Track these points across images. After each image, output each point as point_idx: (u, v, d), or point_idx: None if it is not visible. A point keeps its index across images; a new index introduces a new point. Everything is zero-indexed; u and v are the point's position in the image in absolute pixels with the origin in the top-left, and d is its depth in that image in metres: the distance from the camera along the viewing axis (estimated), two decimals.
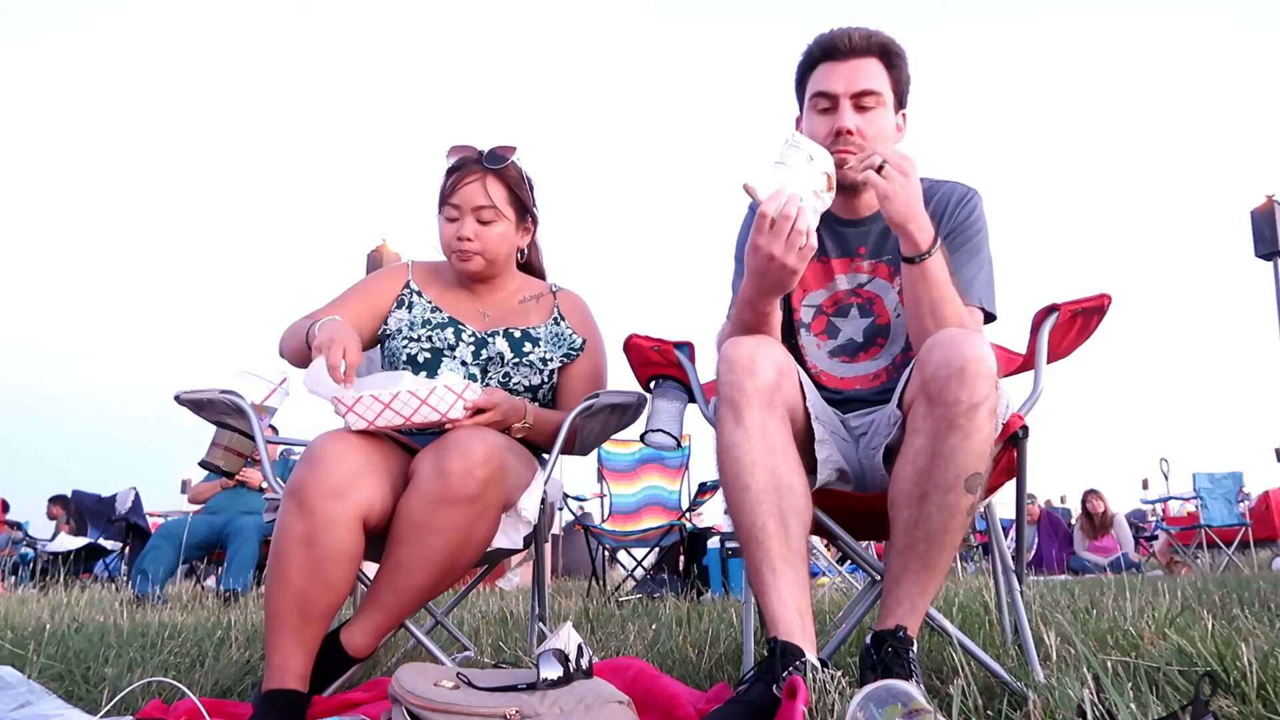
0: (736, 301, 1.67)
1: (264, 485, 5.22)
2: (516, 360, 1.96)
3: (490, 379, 1.95)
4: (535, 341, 2.00)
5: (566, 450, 1.98)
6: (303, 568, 1.52)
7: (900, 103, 1.76)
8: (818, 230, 1.51)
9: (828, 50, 1.72)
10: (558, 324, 2.05)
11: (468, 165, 1.97)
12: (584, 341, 2.05)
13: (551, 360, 2.00)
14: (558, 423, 1.92)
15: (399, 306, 2.02)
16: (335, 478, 1.55)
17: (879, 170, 1.53)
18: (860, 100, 1.69)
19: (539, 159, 2.09)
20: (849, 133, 1.67)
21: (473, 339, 1.97)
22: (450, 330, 1.97)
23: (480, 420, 1.73)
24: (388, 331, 2.01)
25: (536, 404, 1.99)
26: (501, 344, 1.97)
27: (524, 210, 2.03)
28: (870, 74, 1.70)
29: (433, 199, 2.02)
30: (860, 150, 1.66)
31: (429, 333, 1.96)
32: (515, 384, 1.97)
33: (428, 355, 1.94)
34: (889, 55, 1.73)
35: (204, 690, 1.79)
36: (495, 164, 1.97)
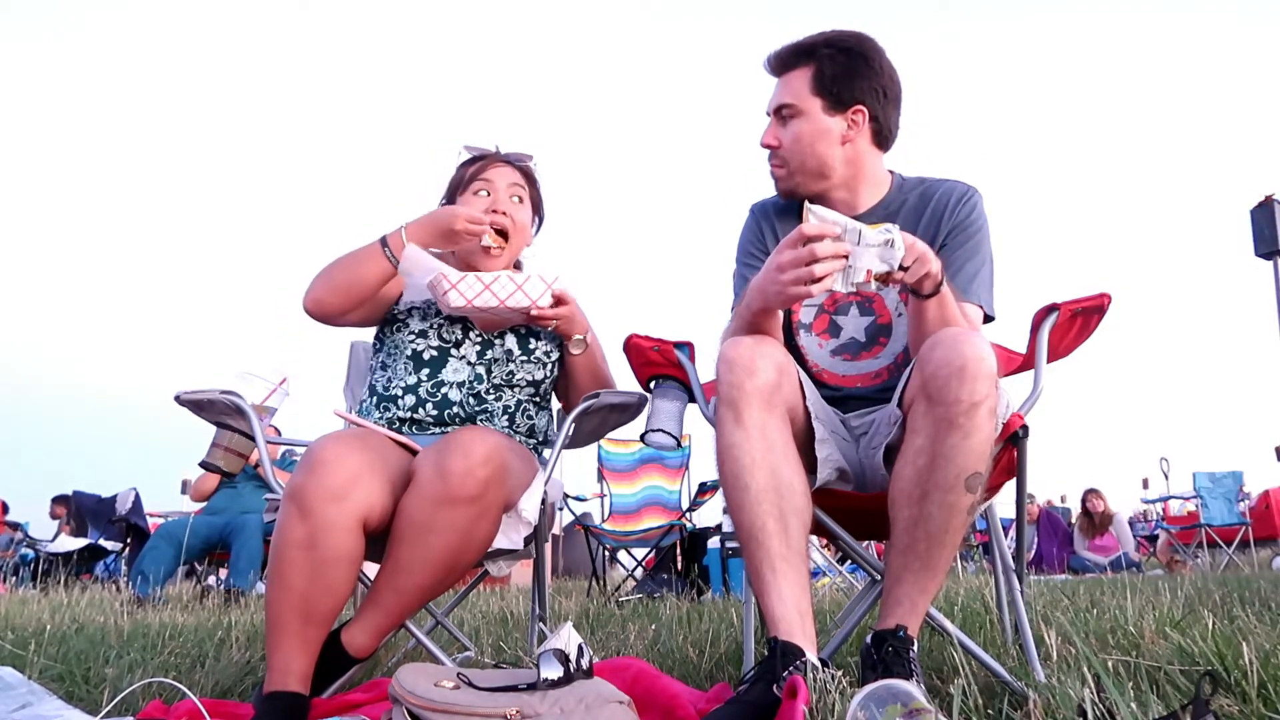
0: (741, 298, 1.67)
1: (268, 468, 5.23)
2: (524, 359, 1.98)
3: (494, 377, 1.96)
4: (537, 335, 2.02)
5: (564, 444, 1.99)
6: (303, 571, 1.52)
7: (839, 101, 1.73)
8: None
9: (768, 72, 1.81)
10: None
11: (491, 156, 2.06)
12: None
13: (553, 353, 2.02)
14: (601, 367, 2.01)
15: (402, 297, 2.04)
16: (335, 481, 1.55)
17: (904, 269, 1.46)
18: (779, 115, 1.77)
19: (537, 157, 2.12)
20: (767, 146, 1.78)
21: (479, 339, 1.98)
22: (459, 327, 1.99)
23: (559, 312, 1.84)
24: (396, 313, 2.02)
25: (539, 398, 2.03)
26: (511, 341, 1.99)
27: (538, 208, 2.11)
28: (787, 88, 1.77)
29: (433, 198, 2.06)
30: (784, 163, 1.77)
31: (438, 329, 1.98)
32: (519, 379, 1.98)
33: (434, 353, 1.96)
34: (813, 57, 1.74)
35: (204, 691, 1.79)
36: (519, 160, 2.07)
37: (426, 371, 1.94)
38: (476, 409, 1.93)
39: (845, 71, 1.73)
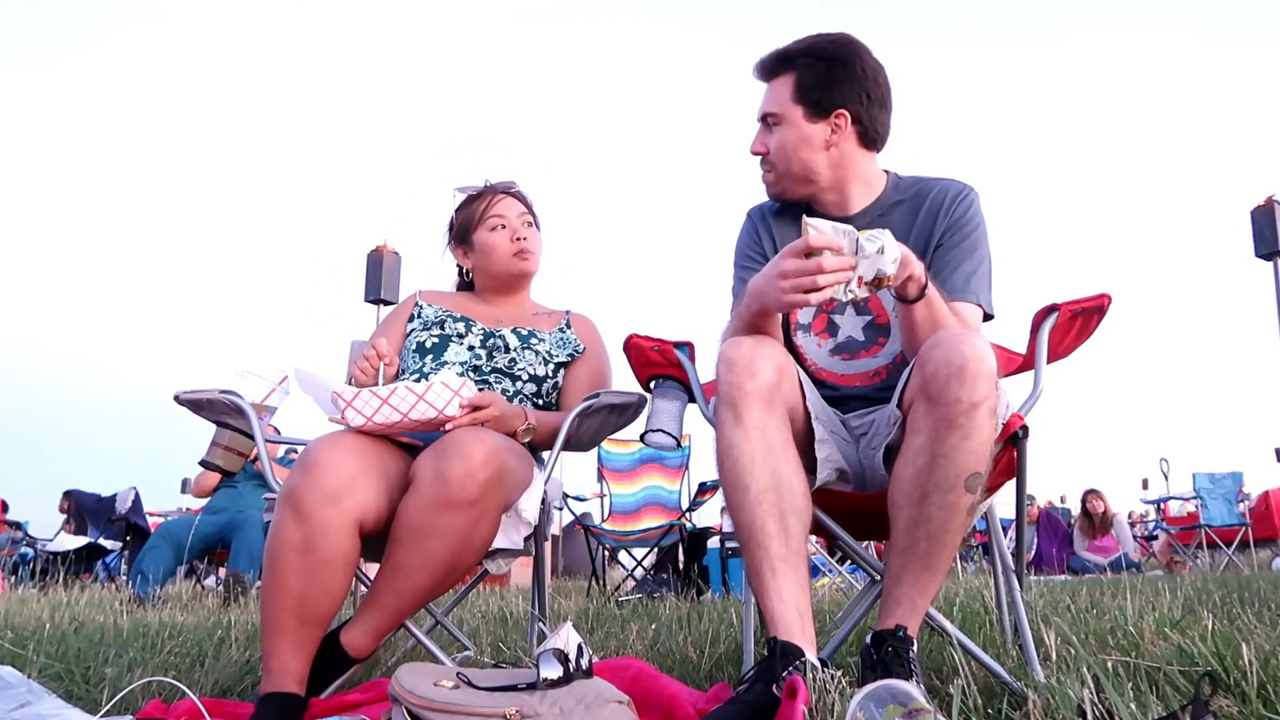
0: (739, 298, 1.68)
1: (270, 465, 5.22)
2: (523, 347, 2.03)
3: (495, 361, 2.00)
4: (541, 339, 2.07)
5: (564, 446, 1.99)
6: (299, 574, 1.52)
7: (820, 108, 1.74)
8: None
9: (756, 78, 1.83)
10: (564, 332, 2.13)
11: (486, 191, 2.14)
12: (585, 348, 2.12)
13: (557, 355, 2.05)
14: (560, 424, 1.94)
15: (411, 321, 2.12)
16: (331, 483, 1.55)
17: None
18: (766, 123, 1.80)
19: (537, 158, 2.17)
20: (756, 154, 1.80)
21: (481, 330, 2.05)
22: (461, 323, 2.06)
23: (478, 418, 1.73)
24: (410, 330, 2.11)
25: (540, 398, 2.04)
26: (509, 335, 2.05)
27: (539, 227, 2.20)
28: (771, 96, 1.79)
29: (425, 198, 2.13)
30: (772, 169, 1.79)
31: (439, 322, 2.06)
32: (520, 369, 2.01)
33: (435, 341, 2.01)
34: (793, 65, 1.76)
35: (204, 690, 1.79)
36: (509, 189, 2.15)
37: (430, 356, 2.00)
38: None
39: (824, 79, 1.74)
